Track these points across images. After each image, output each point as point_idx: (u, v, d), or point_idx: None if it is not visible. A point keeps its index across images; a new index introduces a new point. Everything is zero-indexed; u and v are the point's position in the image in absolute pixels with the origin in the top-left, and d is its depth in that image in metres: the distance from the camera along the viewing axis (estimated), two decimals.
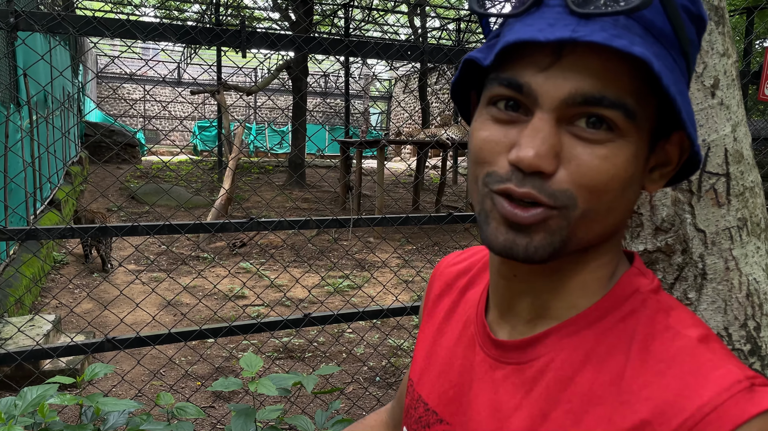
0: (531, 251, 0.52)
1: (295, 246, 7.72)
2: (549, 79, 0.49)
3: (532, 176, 0.50)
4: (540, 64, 0.50)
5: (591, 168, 0.50)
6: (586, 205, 0.51)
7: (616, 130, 0.50)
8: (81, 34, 2.27)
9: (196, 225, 2.47)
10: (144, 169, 13.96)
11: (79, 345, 2.30)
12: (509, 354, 0.60)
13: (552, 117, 0.50)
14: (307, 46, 2.52)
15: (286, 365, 4.10)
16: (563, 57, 0.49)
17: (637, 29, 0.48)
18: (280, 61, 13.01)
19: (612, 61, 0.49)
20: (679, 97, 0.49)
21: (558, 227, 0.52)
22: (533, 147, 0.49)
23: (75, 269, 6.33)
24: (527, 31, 0.49)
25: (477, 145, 0.55)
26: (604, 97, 0.49)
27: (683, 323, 0.54)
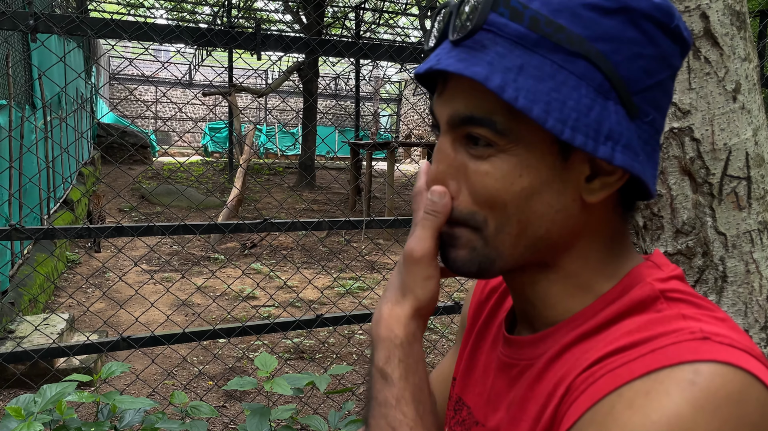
0: (459, 265, 0.57)
1: (306, 248, 7.74)
2: (440, 105, 0.56)
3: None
4: (438, 91, 0.56)
5: (479, 183, 0.54)
6: (494, 221, 0.54)
7: (495, 145, 0.53)
8: (99, 36, 2.30)
9: (210, 225, 2.49)
10: (156, 170, 14.05)
11: (95, 343, 2.32)
12: (519, 352, 0.61)
13: (449, 137, 0.56)
14: (322, 48, 2.54)
15: (297, 365, 4.12)
16: (447, 83, 0.55)
17: (500, 44, 0.50)
18: (290, 63, 13.06)
19: (478, 86, 0.51)
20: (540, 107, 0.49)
21: (478, 245, 0.56)
22: (433, 168, 0.57)
23: (88, 269, 6.38)
24: (421, 66, 0.55)
25: None
26: (473, 115, 0.52)
27: (681, 303, 0.53)
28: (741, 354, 0.46)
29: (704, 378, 0.44)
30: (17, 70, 5.19)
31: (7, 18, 2.11)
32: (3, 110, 4.46)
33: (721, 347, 0.46)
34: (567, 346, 0.56)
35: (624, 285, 0.56)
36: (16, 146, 4.66)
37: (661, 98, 0.54)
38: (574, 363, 0.53)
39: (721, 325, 0.50)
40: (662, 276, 0.56)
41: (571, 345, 0.55)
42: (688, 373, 0.45)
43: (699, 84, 0.71)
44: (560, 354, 0.56)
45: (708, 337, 0.47)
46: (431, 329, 4.96)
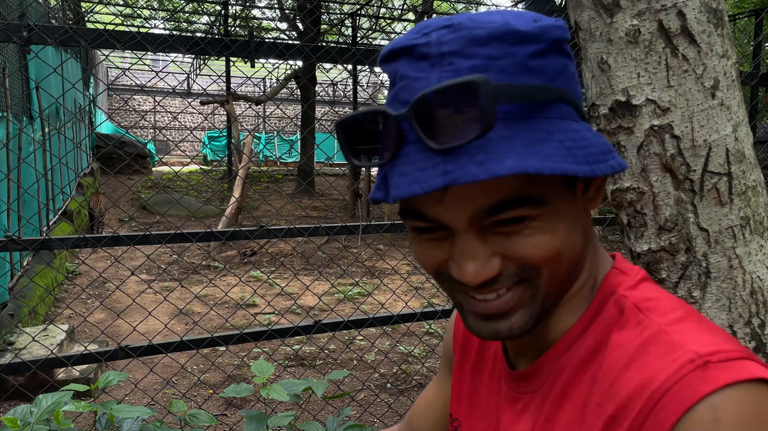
0: (516, 332, 0.55)
1: (305, 254, 7.75)
2: (448, 208, 0.52)
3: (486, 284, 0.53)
4: (434, 197, 0.52)
5: (529, 248, 0.52)
6: (549, 269, 0.53)
7: (529, 218, 0.52)
8: (93, 46, 2.31)
9: (206, 233, 2.50)
10: (155, 179, 14.07)
11: (93, 353, 2.33)
12: (523, 385, 0.62)
13: (471, 233, 0.52)
14: (315, 54, 2.55)
15: (297, 372, 4.11)
16: (449, 188, 0.51)
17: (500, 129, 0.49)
18: (288, 71, 13.10)
19: None
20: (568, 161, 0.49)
21: (531, 297, 0.54)
22: (469, 270, 0.52)
23: (88, 279, 6.38)
24: (404, 184, 0.50)
25: (420, 260, 0.59)
26: (504, 200, 0.51)
27: (655, 311, 0.54)
28: (740, 364, 0.48)
29: (724, 411, 0.45)
30: (14, 81, 5.21)
31: (1, 30, 2.12)
32: (0, 122, 4.48)
33: (722, 367, 0.47)
34: (571, 379, 0.56)
35: (600, 300, 0.58)
36: (14, 158, 4.67)
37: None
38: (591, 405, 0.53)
39: (701, 331, 0.51)
40: (631, 283, 0.57)
41: (575, 375, 0.56)
42: (707, 413, 0.46)
43: (677, 81, 0.72)
44: (569, 388, 0.56)
45: (707, 361, 0.48)
46: (431, 333, 4.96)
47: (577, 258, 0.56)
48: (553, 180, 0.52)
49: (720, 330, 0.52)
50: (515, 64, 0.50)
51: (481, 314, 0.55)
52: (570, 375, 0.56)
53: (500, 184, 0.51)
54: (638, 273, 0.59)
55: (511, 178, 0.50)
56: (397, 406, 3.59)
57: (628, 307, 0.55)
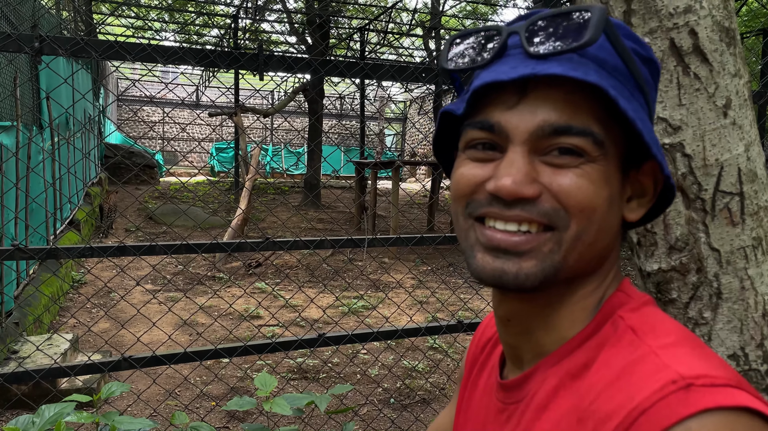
0: (522, 278, 0.53)
1: (310, 267, 7.74)
2: (517, 115, 0.53)
3: (516, 203, 0.53)
4: (508, 103, 0.54)
5: (573, 187, 0.52)
6: (578, 224, 0.53)
7: (586, 156, 0.53)
8: (104, 58, 2.33)
9: (212, 244, 2.50)
10: (162, 190, 14.13)
11: (96, 363, 2.32)
12: (510, 394, 0.61)
13: (525, 149, 0.53)
14: (324, 68, 2.56)
15: (300, 386, 4.09)
16: (528, 94, 0.53)
17: (591, 65, 0.52)
18: (296, 84, 13.17)
19: (574, 93, 0.52)
20: (640, 123, 0.52)
21: (550, 251, 0.53)
22: (510, 175, 0.52)
23: (93, 288, 6.39)
24: (491, 75, 0.53)
25: (456, 181, 0.58)
26: (572, 126, 0.52)
27: (650, 334, 0.53)
28: (725, 391, 0.46)
29: None
30: (25, 91, 5.25)
31: (13, 40, 2.14)
32: (10, 131, 4.51)
33: (706, 391, 0.46)
34: (555, 390, 0.55)
35: (599, 319, 0.57)
36: (23, 167, 4.70)
37: None
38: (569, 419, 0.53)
39: (693, 355, 0.50)
40: (633, 306, 0.57)
41: (559, 387, 0.55)
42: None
43: (689, 100, 0.72)
44: (551, 400, 0.56)
45: (691, 384, 0.46)
46: (436, 348, 4.93)
47: (605, 236, 0.55)
48: (617, 143, 0.54)
49: (715, 357, 0.51)
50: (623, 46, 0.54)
51: (494, 246, 0.54)
52: (554, 387, 0.55)
53: (575, 107, 0.52)
54: (642, 298, 0.58)
55: (586, 107, 0.53)
56: (401, 422, 3.56)
57: (622, 328, 0.54)
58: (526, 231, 0.53)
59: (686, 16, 0.71)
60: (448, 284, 6.90)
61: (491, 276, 0.54)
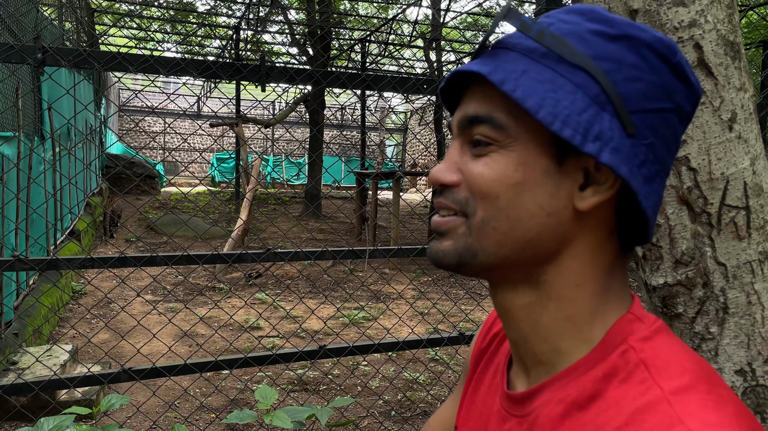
0: (440, 255, 0.58)
1: (310, 277, 7.72)
2: (458, 110, 0.60)
3: (443, 190, 0.59)
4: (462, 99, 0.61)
5: (477, 175, 0.56)
6: (484, 211, 0.56)
7: (495, 143, 0.56)
8: (106, 69, 2.33)
9: (213, 255, 2.49)
10: (163, 200, 14.13)
11: (96, 375, 2.31)
12: (515, 407, 0.61)
13: (458, 141, 0.60)
14: (325, 80, 2.57)
15: (300, 398, 4.07)
16: (467, 92, 0.60)
17: (511, 55, 0.56)
18: (297, 95, 13.21)
19: (488, 87, 0.57)
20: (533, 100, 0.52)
21: (462, 233, 0.57)
22: (437, 168, 0.59)
23: (93, 299, 6.38)
24: (446, 78, 0.61)
25: None
26: (477, 115, 0.57)
27: (663, 373, 0.51)
28: None
29: None
30: (27, 101, 5.27)
31: (16, 52, 2.15)
32: (12, 142, 4.52)
33: None
34: (561, 419, 0.55)
35: (607, 343, 0.55)
36: (24, 177, 4.70)
37: (662, 127, 0.55)
38: None
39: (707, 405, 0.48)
40: (645, 333, 0.55)
41: (565, 416, 0.54)
42: None
43: (694, 114, 0.71)
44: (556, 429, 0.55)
45: None
46: (437, 360, 4.90)
47: (525, 224, 0.55)
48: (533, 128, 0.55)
49: (731, 401, 0.49)
50: (571, 30, 0.55)
51: (432, 230, 0.60)
52: (560, 415, 0.54)
53: (487, 98, 0.57)
54: (654, 323, 0.56)
55: (496, 99, 0.56)
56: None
57: (634, 361, 0.53)
58: (447, 214, 0.59)
59: (691, 30, 0.70)
60: (449, 295, 6.88)
61: (430, 254, 0.60)
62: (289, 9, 15.05)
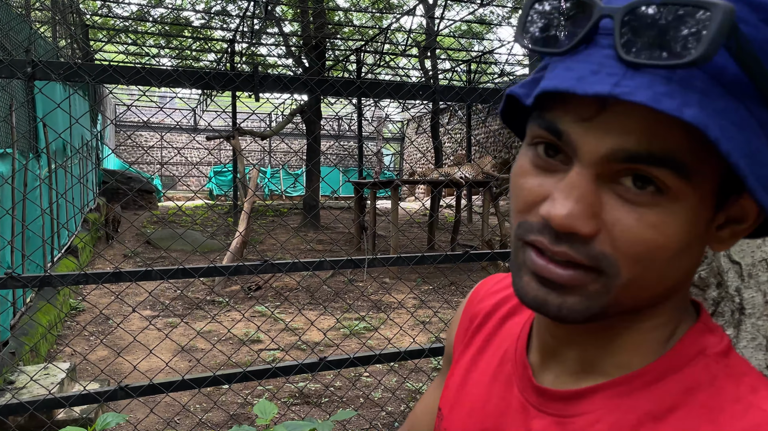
0: (564, 313, 0.48)
1: (310, 289, 7.68)
2: (590, 132, 0.45)
3: (566, 235, 0.46)
4: (581, 114, 0.45)
5: (637, 236, 0.44)
6: (631, 274, 0.46)
7: (668, 192, 0.44)
8: (97, 81, 2.31)
9: (210, 268, 2.45)
10: (160, 215, 14.09)
11: (92, 393, 2.26)
12: (551, 404, 0.55)
13: (591, 173, 0.45)
14: (320, 88, 2.54)
15: (302, 411, 4.01)
16: (608, 108, 0.44)
17: (698, 80, 0.42)
18: (293, 106, 13.23)
19: (663, 115, 0.42)
20: (744, 161, 0.42)
21: (596, 293, 0.47)
22: (565, 206, 0.45)
23: (91, 316, 6.32)
24: (566, 78, 0.44)
25: (514, 190, 0.51)
26: (651, 153, 0.43)
27: (757, 393, 0.47)
28: None
29: None
30: (21, 117, 5.24)
31: (5, 66, 2.12)
32: (6, 158, 4.48)
33: None
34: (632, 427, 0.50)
35: (681, 352, 0.51)
36: (18, 194, 4.67)
37: None
38: None
39: None
40: (721, 348, 0.51)
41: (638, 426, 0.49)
42: None
43: None
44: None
45: None
46: (439, 370, 4.85)
47: (671, 278, 0.48)
48: (711, 171, 0.44)
49: None
50: (751, 55, 0.42)
51: (540, 275, 0.48)
52: (632, 424, 0.49)
53: (658, 130, 0.43)
54: (723, 336, 0.52)
55: (674, 130, 0.43)
56: None
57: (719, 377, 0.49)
58: (573, 266, 0.47)
59: None
60: (450, 303, 6.84)
61: (533, 302, 0.49)
62: (283, 21, 15.10)
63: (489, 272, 7.80)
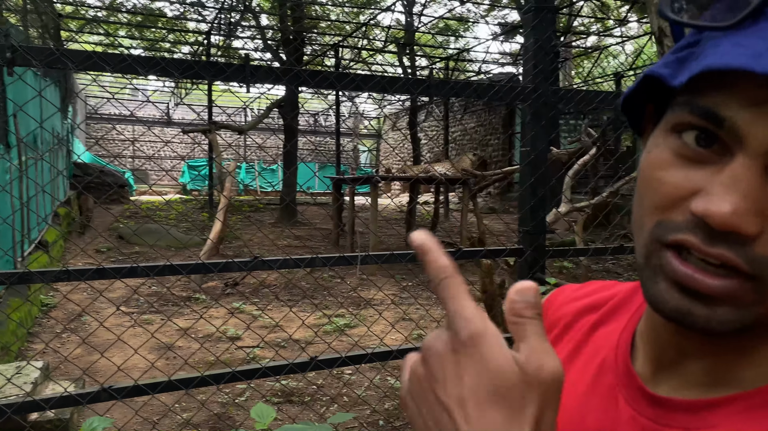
0: (713, 325, 0.42)
1: (289, 285, 7.58)
2: (760, 118, 0.39)
3: (723, 235, 0.40)
4: (751, 97, 0.39)
5: None
6: None
7: None
8: (80, 69, 2.20)
9: (197, 265, 2.36)
10: (134, 209, 13.81)
11: (73, 395, 2.16)
12: (674, 416, 0.49)
13: (759, 164, 0.40)
14: (313, 80, 2.46)
15: (288, 410, 3.93)
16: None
17: None
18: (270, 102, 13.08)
19: None
20: None
21: (751, 302, 0.42)
22: (730, 202, 0.39)
23: (64, 312, 6.14)
24: (737, 55, 0.38)
25: (648, 185, 0.45)
26: None
27: None
28: None
29: None
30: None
31: None
32: None
33: None
34: None
35: None
36: None
37: None
38: None
39: None
40: None
41: None
42: None
43: None
44: None
45: None
46: None
47: None
48: None
49: None
50: None
51: (683, 284, 0.42)
52: None
53: None
54: None
55: None
56: None
57: None
58: (725, 273, 0.41)
59: None
60: (431, 299, 6.81)
61: (674, 313, 0.44)
62: (260, 14, 14.90)
63: (468, 269, 7.77)
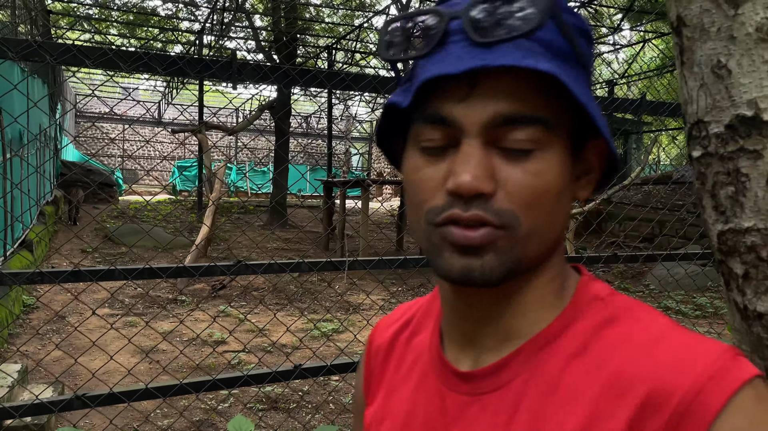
0: (487, 273, 0.53)
1: (277, 288, 7.48)
2: (469, 107, 0.52)
3: (474, 199, 0.51)
4: (458, 96, 0.52)
5: (525, 185, 0.52)
6: (529, 222, 0.52)
7: (538, 145, 0.52)
8: (59, 62, 2.11)
9: (178, 268, 2.27)
10: (121, 209, 13.65)
11: (45, 403, 2.06)
12: (482, 384, 0.58)
13: (479, 141, 0.52)
14: (302, 78, 2.39)
15: (272, 418, 3.83)
16: (478, 85, 0.52)
17: (538, 49, 0.51)
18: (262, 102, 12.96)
19: (522, 81, 0.51)
20: (590, 104, 0.52)
21: (506, 247, 0.53)
22: (468, 171, 0.51)
23: (45, 313, 6.00)
24: (438, 68, 0.51)
25: (413, 187, 0.56)
26: (523, 114, 0.51)
27: (650, 315, 0.55)
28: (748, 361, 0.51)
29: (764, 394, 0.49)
30: None
31: None
32: None
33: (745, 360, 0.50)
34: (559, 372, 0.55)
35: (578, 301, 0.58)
36: None
37: None
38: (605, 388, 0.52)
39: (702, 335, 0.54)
40: (609, 290, 0.58)
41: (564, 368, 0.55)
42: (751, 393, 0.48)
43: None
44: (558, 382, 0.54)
45: (738, 353, 0.50)
46: None
47: (558, 223, 0.56)
48: (565, 118, 0.54)
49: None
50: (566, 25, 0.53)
51: (459, 245, 0.52)
52: (558, 369, 0.55)
53: (525, 95, 0.51)
54: (607, 285, 0.59)
55: (536, 93, 0.52)
56: None
57: (618, 307, 0.56)
58: (482, 227, 0.52)
59: None
60: None
61: (460, 274, 0.53)
62: (254, 15, 14.80)
63: None
